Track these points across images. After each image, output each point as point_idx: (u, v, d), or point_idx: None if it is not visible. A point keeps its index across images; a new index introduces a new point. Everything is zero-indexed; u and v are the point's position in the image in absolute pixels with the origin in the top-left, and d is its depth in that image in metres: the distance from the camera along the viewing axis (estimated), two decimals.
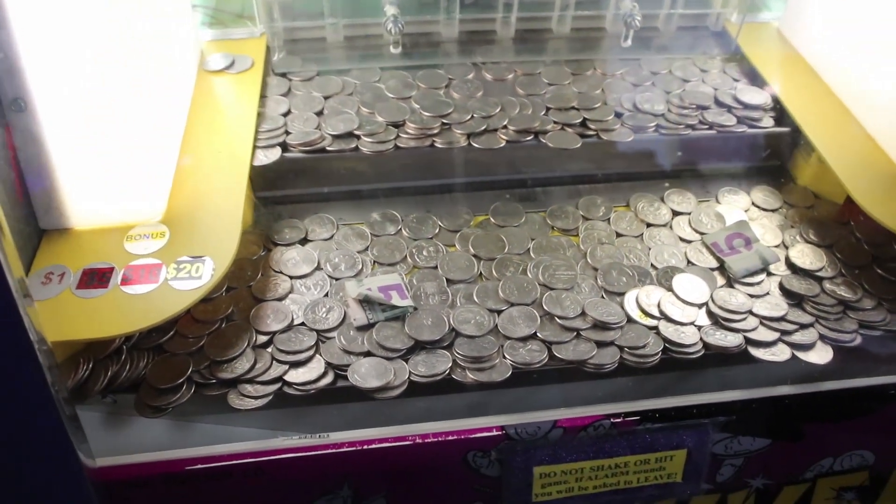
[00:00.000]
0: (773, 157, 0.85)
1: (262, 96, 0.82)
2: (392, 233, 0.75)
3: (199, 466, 0.58)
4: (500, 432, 0.60)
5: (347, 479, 0.61)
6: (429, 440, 0.59)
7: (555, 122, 0.81)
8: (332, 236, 0.74)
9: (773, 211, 0.78)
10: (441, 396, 0.63)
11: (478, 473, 0.62)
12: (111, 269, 0.63)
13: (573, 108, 0.83)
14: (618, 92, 0.85)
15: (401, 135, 0.79)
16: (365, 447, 0.59)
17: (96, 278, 0.63)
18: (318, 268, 0.71)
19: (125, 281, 0.62)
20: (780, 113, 0.83)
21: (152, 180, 0.69)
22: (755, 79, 0.87)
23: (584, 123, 0.81)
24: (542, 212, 0.77)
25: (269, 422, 0.61)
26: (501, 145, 0.79)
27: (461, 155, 0.80)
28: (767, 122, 0.83)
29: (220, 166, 0.72)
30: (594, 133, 0.81)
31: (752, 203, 0.78)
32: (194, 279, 0.63)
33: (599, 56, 0.89)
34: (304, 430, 0.61)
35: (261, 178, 0.78)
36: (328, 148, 0.78)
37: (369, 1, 0.87)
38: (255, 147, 0.76)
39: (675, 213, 0.77)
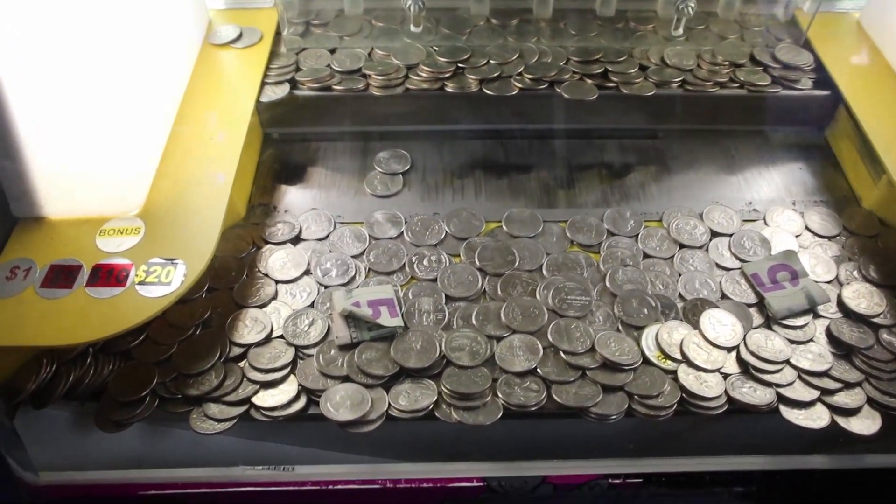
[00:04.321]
0: (811, 123, 0.79)
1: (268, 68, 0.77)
2: (393, 236, 0.68)
3: (151, 493, 0.54)
4: (481, 483, 0.54)
5: None
6: (401, 486, 0.54)
7: (574, 73, 0.76)
8: (327, 236, 0.68)
9: (829, 238, 0.67)
10: (422, 424, 0.57)
11: None
12: (79, 268, 0.59)
13: (598, 59, 0.78)
14: (646, 45, 0.80)
15: (412, 76, 0.76)
16: (331, 487, 0.54)
17: (62, 276, 0.58)
18: (308, 272, 0.65)
19: (91, 282, 0.58)
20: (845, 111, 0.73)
21: (132, 170, 0.63)
22: (822, 77, 0.76)
23: (605, 74, 0.77)
24: (562, 223, 0.69)
25: (233, 443, 0.57)
26: (514, 93, 0.75)
27: (472, 101, 0.76)
28: (806, 83, 0.76)
29: (209, 156, 0.66)
30: (614, 85, 0.75)
31: (806, 227, 0.68)
32: (163, 285, 0.57)
33: (644, 46, 0.80)
34: (263, 453, 0.56)
35: (269, 114, 0.76)
36: (336, 87, 0.75)
37: None
38: (263, 84, 0.75)
39: (714, 234, 0.68)
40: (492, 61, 0.77)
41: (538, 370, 0.58)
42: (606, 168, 0.75)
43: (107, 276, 0.58)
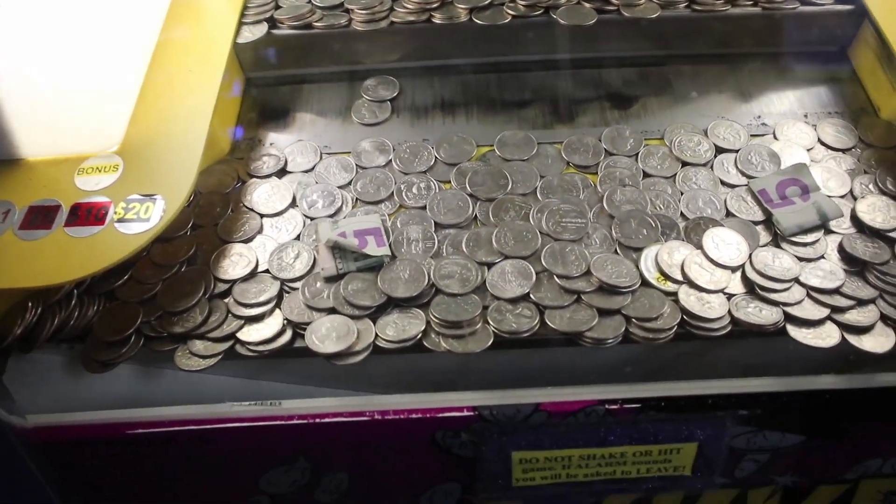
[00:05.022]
0: (832, 43, 0.73)
1: None
2: (381, 164, 0.65)
3: (140, 431, 0.53)
4: (472, 413, 0.52)
5: (303, 451, 0.54)
6: (390, 417, 0.52)
7: None
8: (313, 167, 0.66)
9: (844, 151, 0.63)
10: (412, 356, 0.55)
11: (449, 453, 0.54)
12: (57, 207, 0.57)
13: None
14: None
15: (397, 9, 0.72)
16: (318, 420, 0.52)
17: (40, 217, 0.57)
18: (294, 205, 0.63)
19: (70, 221, 0.56)
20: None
21: (109, 107, 0.61)
22: None
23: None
24: (557, 144, 0.66)
25: (221, 381, 0.56)
26: (506, 21, 0.70)
27: (461, 32, 0.71)
28: None
29: (189, 88, 0.64)
30: (615, 8, 0.70)
31: (819, 140, 0.64)
32: (142, 221, 0.56)
33: None
34: (256, 393, 0.54)
35: (250, 57, 0.72)
36: (316, 24, 0.71)
37: None
38: (240, 24, 0.71)
39: (720, 150, 0.64)
40: None
41: (531, 295, 0.55)
42: (608, 98, 0.71)
43: (86, 214, 0.57)
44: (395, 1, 0.72)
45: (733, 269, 0.56)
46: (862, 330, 0.52)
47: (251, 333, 0.55)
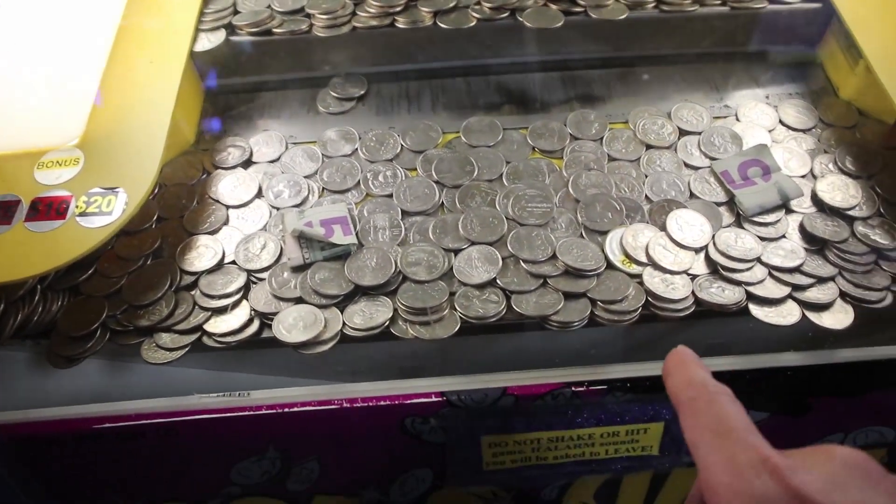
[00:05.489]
0: (802, 43, 0.72)
1: None
2: (347, 153, 0.65)
3: (108, 426, 0.53)
4: (440, 398, 0.52)
5: (273, 441, 0.54)
6: (358, 405, 0.52)
7: None
8: (279, 157, 0.65)
9: (804, 131, 0.64)
10: (379, 344, 0.55)
11: (419, 439, 0.55)
12: (17, 202, 0.57)
13: None
14: None
15: (359, 13, 0.69)
16: (287, 410, 0.52)
17: (0, 213, 0.56)
18: (260, 195, 0.63)
19: (30, 216, 0.55)
20: None
21: (68, 100, 0.61)
22: None
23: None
24: (523, 129, 0.66)
25: (189, 374, 0.55)
26: (472, 24, 0.68)
27: (426, 36, 0.70)
28: None
29: (151, 82, 0.63)
30: (582, 10, 0.69)
31: (780, 121, 0.65)
32: (104, 215, 0.55)
33: None
34: (224, 385, 0.54)
35: (209, 65, 0.69)
36: (276, 30, 0.69)
37: None
38: (197, 31, 0.68)
39: (683, 133, 0.64)
40: None
41: (497, 280, 0.55)
42: (577, 97, 0.70)
43: (46, 209, 0.56)
44: (357, 4, 0.70)
45: (697, 251, 0.56)
46: (822, 307, 0.53)
47: (218, 325, 0.55)
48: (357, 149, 0.65)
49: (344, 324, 0.54)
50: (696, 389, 0.38)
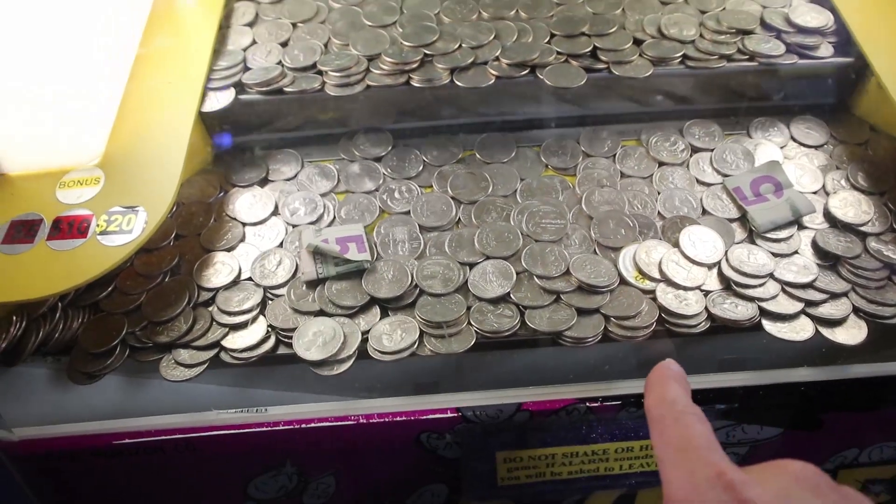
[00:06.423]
0: (832, 96, 0.69)
1: (224, 26, 0.72)
2: (369, 189, 0.65)
3: (127, 441, 0.53)
4: (456, 414, 0.53)
5: (289, 457, 0.55)
6: (374, 420, 0.53)
7: (558, 53, 0.66)
8: (295, 175, 0.66)
9: (816, 148, 0.64)
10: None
11: (434, 454, 0.55)
12: (39, 221, 0.58)
13: (583, 34, 0.68)
14: (641, 13, 0.70)
15: (373, 70, 0.66)
16: (304, 425, 0.53)
17: (23, 232, 0.57)
18: (276, 213, 0.64)
19: (52, 235, 0.57)
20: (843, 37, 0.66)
21: (89, 121, 0.62)
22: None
23: (594, 54, 0.67)
24: (536, 146, 0.66)
25: (206, 391, 0.56)
26: (490, 83, 0.65)
27: (442, 95, 0.67)
28: (825, 50, 0.66)
29: (169, 103, 0.64)
30: (605, 66, 0.66)
31: (792, 137, 0.65)
32: (125, 233, 0.56)
33: (638, 14, 0.71)
34: (241, 401, 0.55)
35: (218, 124, 0.68)
36: (287, 88, 0.66)
37: None
38: (205, 88, 0.66)
39: (695, 150, 0.65)
40: (464, 45, 0.67)
41: (512, 296, 0.56)
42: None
43: (68, 228, 0.57)
44: (371, 61, 0.67)
45: (710, 266, 0.57)
46: (835, 323, 0.54)
47: (235, 340, 0.56)
48: (380, 185, 0.65)
49: (366, 341, 0.55)
50: (666, 407, 0.39)
